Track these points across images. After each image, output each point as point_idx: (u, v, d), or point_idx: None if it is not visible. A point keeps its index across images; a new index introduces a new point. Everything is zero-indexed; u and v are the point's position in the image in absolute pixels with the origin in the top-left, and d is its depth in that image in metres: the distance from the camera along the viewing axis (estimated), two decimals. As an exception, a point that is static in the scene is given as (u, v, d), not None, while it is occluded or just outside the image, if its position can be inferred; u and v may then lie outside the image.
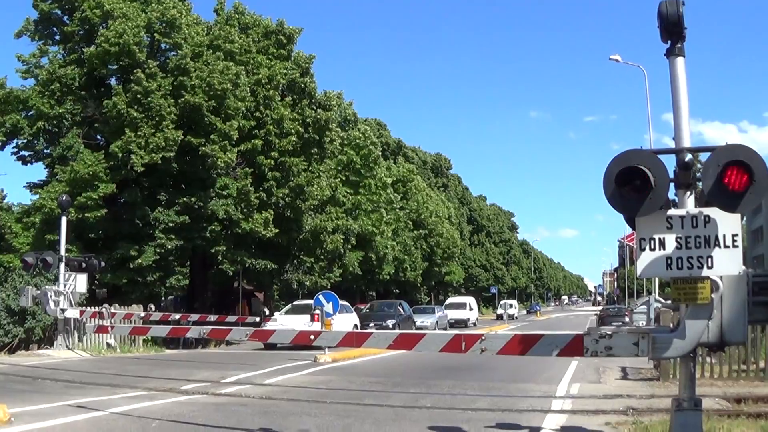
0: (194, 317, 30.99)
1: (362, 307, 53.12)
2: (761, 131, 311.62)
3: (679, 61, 8.84)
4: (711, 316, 8.19)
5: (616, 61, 45.05)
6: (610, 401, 15.09)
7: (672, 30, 8.78)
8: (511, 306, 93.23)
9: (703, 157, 8.26)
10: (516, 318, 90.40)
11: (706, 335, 8.25)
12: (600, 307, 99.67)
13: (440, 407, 14.39)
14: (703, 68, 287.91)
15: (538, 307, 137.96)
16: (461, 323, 65.79)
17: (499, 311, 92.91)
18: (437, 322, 55.12)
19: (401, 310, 47.31)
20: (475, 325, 68.85)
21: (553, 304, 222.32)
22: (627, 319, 50.17)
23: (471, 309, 72.45)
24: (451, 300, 77.72)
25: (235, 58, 41.54)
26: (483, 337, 9.36)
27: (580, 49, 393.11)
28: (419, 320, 50.65)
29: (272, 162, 42.37)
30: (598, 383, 18.86)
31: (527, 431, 11.80)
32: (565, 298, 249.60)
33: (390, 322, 41.98)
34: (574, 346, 8.80)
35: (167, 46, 41.14)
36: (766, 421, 11.95)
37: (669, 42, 8.86)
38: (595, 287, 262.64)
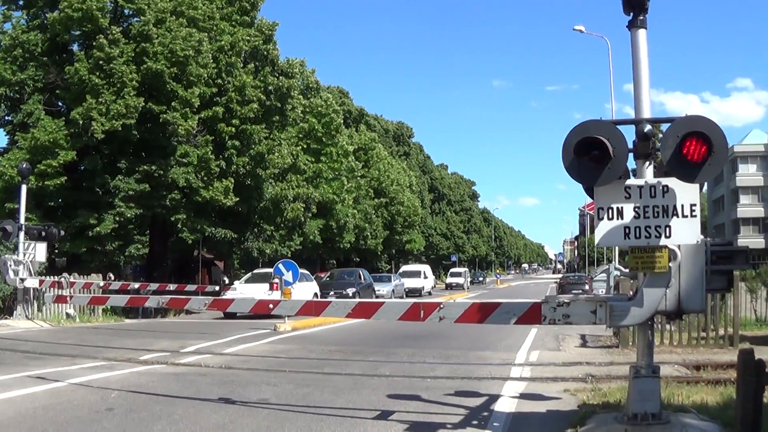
0: (153, 286, 30.79)
1: (323, 276, 53.14)
2: (723, 102, 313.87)
3: (641, 33, 8.90)
4: (669, 285, 8.28)
5: (580, 31, 45.23)
6: (570, 368, 15.23)
7: (634, 2, 8.84)
8: (460, 275, 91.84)
9: (665, 128, 8.31)
10: (468, 288, 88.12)
11: (663, 303, 8.34)
12: (560, 275, 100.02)
13: (399, 375, 14.49)
14: (666, 38, 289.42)
15: (489, 276, 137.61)
16: (416, 292, 64.31)
17: (449, 280, 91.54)
18: (393, 290, 55.01)
19: (362, 279, 47.40)
20: (430, 293, 68.39)
21: (513, 271, 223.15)
22: (587, 287, 50.64)
23: (426, 277, 71.18)
24: (405, 268, 76.38)
25: (198, 25, 41.11)
26: (441, 306, 9.45)
27: (543, 18, 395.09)
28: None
29: (233, 129, 42.05)
30: (558, 351, 19.03)
31: (486, 398, 11.87)
32: (525, 266, 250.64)
33: (350, 291, 42.04)
34: (531, 314, 8.87)
35: (130, 12, 40.78)
36: (726, 387, 12.07)
37: (631, 14, 8.92)
38: (555, 255, 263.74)
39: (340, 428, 9.87)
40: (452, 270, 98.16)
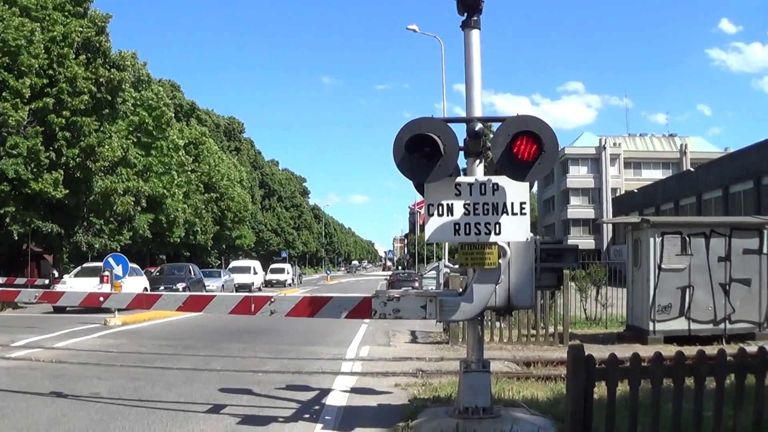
0: (-18, 280, 30.18)
1: (152, 271, 52.58)
2: (554, 105, 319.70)
3: (474, 34, 9.06)
4: (499, 281, 8.46)
5: (414, 31, 45.43)
6: (400, 363, 15.44)
7: (468, 3, 8.97)
8: (282, 271, 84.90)
9: (496, 128, 8.47)
10: (291, 285, 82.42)
11: (493, 299, 8.54)
12: (390, 272, 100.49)
13: (231, 370, 14.55)
14: (497, 40, 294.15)
15: (318, 273, 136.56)
16: (245, 287, 62.83)
17: (269, 277, 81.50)
18: (223, 285, 54.56)
19: (192, 274, 47.06)
20: (260, 289, 67.79)
21: (343, 268, 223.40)
22: (417, 284, 51.10)
23: (255, 273, 70.34)
24: (235, 263, 74.85)
25: (30, 14, 40.32)
26: (272, 299, 9.51)
27: (375, 16, 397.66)
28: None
29: (63, 121, 41.21)
30: (388, 346, 19.26)
31: (318, 393, 11.99)
32: (355, 262, 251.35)
33: (180, 286, 41.62)
34: (362, 309, 8.99)
35: (-39, 2, 39.58)
36: (556, 383, 12.40)
37: (465, 14, 9.05)
38: (385, 252, 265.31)
39: (173, 422, 9.87)
40: (273, 266, 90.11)
